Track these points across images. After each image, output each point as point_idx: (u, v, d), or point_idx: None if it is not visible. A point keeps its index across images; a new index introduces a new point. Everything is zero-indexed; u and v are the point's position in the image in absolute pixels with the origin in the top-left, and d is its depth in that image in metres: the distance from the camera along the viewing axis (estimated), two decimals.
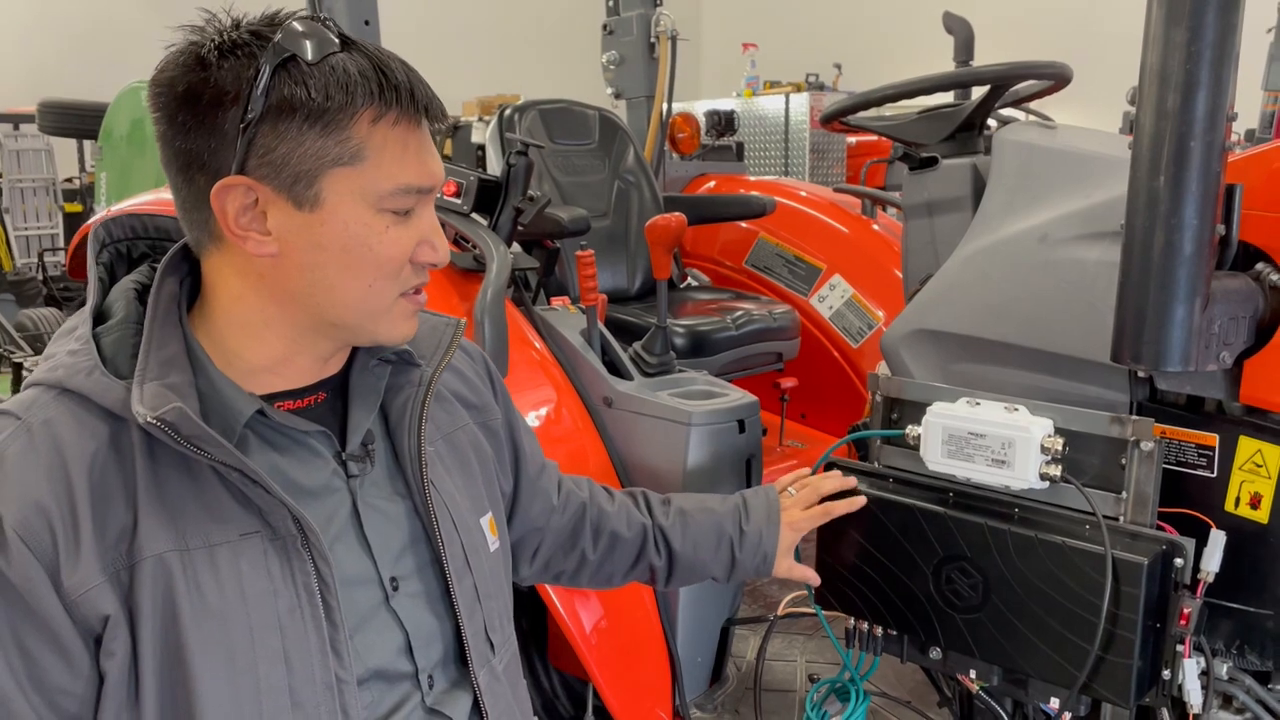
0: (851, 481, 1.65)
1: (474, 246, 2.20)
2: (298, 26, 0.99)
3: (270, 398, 1.08)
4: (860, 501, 1.62)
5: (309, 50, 0.97)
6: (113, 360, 1.02)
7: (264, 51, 0.97)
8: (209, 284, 1.08)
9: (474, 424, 1.32)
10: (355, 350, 1.16)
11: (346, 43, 1.00)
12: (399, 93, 0.99)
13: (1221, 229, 1.31)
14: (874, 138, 2.56)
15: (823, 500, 1.65)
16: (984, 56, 2.49)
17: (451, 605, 1.17)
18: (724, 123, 3.90)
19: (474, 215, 2.26)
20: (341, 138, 0.98)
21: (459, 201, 2.22)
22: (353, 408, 1.14)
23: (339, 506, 1.10)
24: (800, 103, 6.38)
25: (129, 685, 0.97)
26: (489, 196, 2.26)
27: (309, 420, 1.10)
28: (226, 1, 1.05)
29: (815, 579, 1.68)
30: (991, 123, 2.15)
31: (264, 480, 0.99)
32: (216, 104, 0.97)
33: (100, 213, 3.16)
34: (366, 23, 2.38)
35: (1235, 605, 1.44)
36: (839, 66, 7.80)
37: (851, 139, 6.34)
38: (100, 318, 1.08)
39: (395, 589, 1.12)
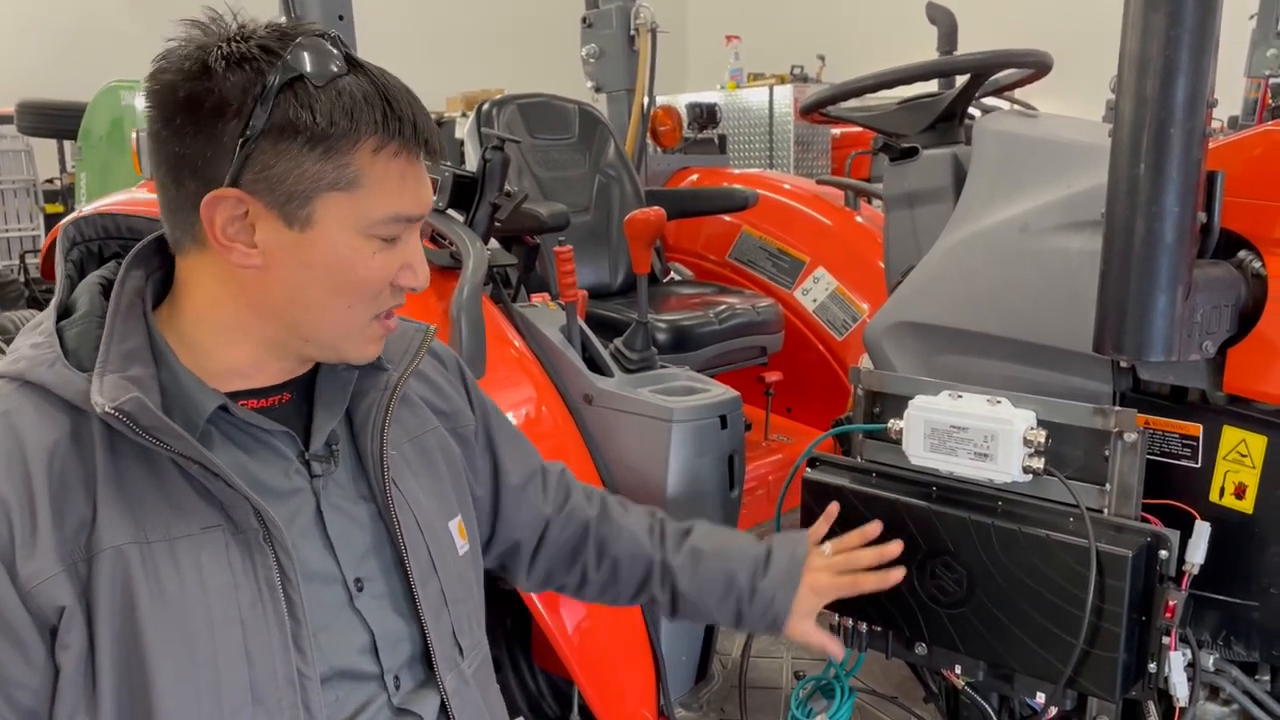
0: (894, 551, 1.49)
1: (450, 243, 2.18)
2: (308, 45, 1.00)
3: (235, 395, 1.07)
4: (897, 577, 1.48)
5: (317, 72, 0.98)
6: (75, 353, 1.02)
7: (272, 69, 0.97)
8: (183, 282, 1.08)
9: (443, 428, 1.31)
10: None
11: (353, 64, 1.02)
12: (402, 124, 1.01)
13: (1203, 217, 1.30)
14: (858, 129, 2.53)
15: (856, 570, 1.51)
16: (968, 47, 2.46)
17: (416, 608, 1.16)
18: (706, 115, 3.87)
19: (450, 211, 2.23)
20: (341, 163, 1.00)
21: (434, 198, 2.18)
22: (317, 409, 1.14)
23: (302, 506, 1.10)
24: (784, 95, 6.35)
25: (86, 679, 0.96)
26: (465, 192, 2.24)
27: (273, 420, 1.10)
28: (210, 2, 1.04)
29: (837, 651, 1.53)
30: (975, 112, 2.13)
31: (224, 473, 0.99)
32: (218, 114, 0.98)
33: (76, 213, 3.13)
34: (340, 18, 2.34)
35: (1221, 597, 1.44)
36: (822, 58, 7.77)
37: (836, 130, 6.32)
38: (66, 313, 1.08)
39: (360, 590, 1.12)
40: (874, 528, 1.53)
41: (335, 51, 1.01)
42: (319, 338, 1.07)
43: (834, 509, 1.58)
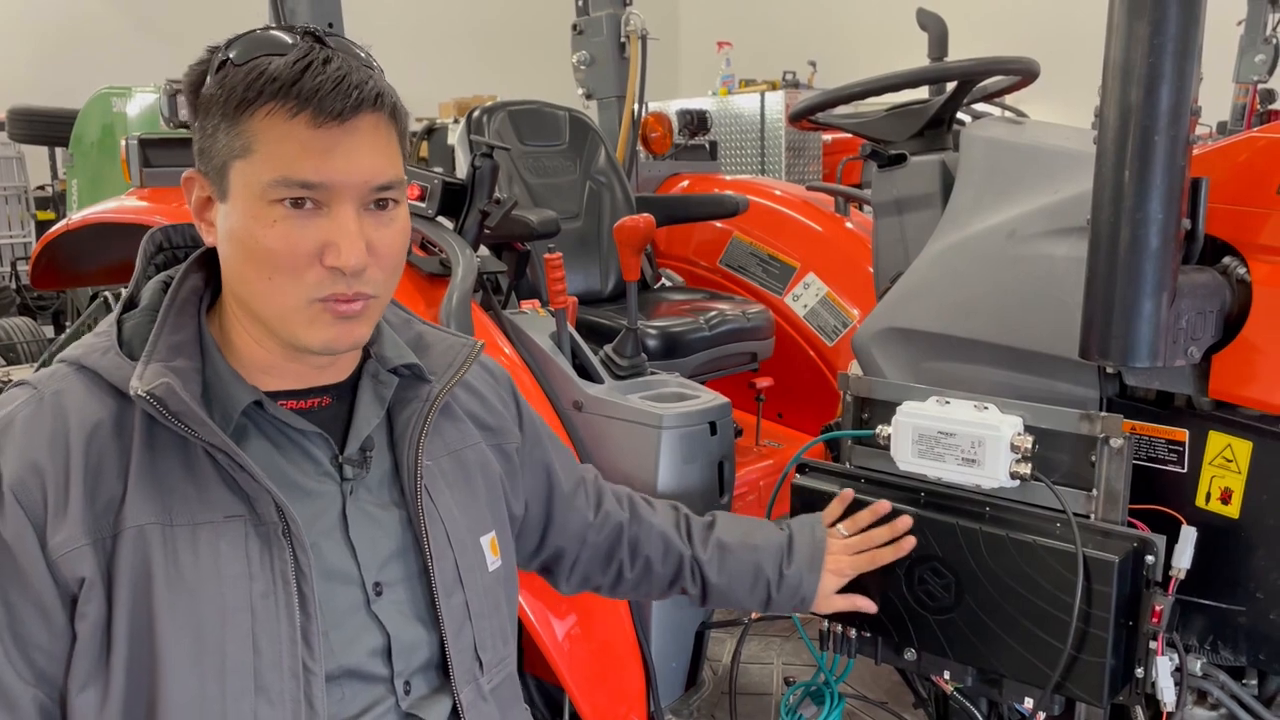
0: (905, 524, 1.56)
1: (440, 250, 2.18)
2: (255, 35, 1.04)
3: (276, 396, 1.12)
4: (910, 543, 1.55)
5: (241, 54, 1.02)
6: (129, 343, 1.09)
7: (214, 58, 1.05)
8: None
9: (485, 444, 1.32)
10: (365, 358, 1.20)
11: (313, 47, 1.03)
12: (300, 89, 0.99)
13: (1187, 223, 1.31)
14: (849, 135, 2.52)
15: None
16: (959, 53, 2.47)
17: (437, 617, 1.17)
18: (696, 122, 3.86)
19: (439, 219, 2.23)
20: (239, 131, 1.02)
21: (424, 205, 2.19)
22: (355, 415, 1.17)
23: (328, 506, 1.13)
24: (775, 101, 6.37)
25: (100, 650, 1.00)
26: (454, 200, 2.24)
27: (309, 422, 1.13)
28: (201, 6, 1.07)
29: (869, 606, 1.60)
30: (966, 118, 2.14)
31: (249, 465, 1.03)
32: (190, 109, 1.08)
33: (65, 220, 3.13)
34: (330, 25, 2.35)
35: (1208, 601, 1.44)
36: (814, 64, 7.80)
37: (828, 136, 6.33)
38: (131, 307, 1.15)
39: (379, 594, 1.13)
40: (883, 505, 1.59)
41: (289, 40, 1.03)
42: (263, 318, 1.07)
43: (848, 494, 1.63)
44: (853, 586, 1.60)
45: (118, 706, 1.00)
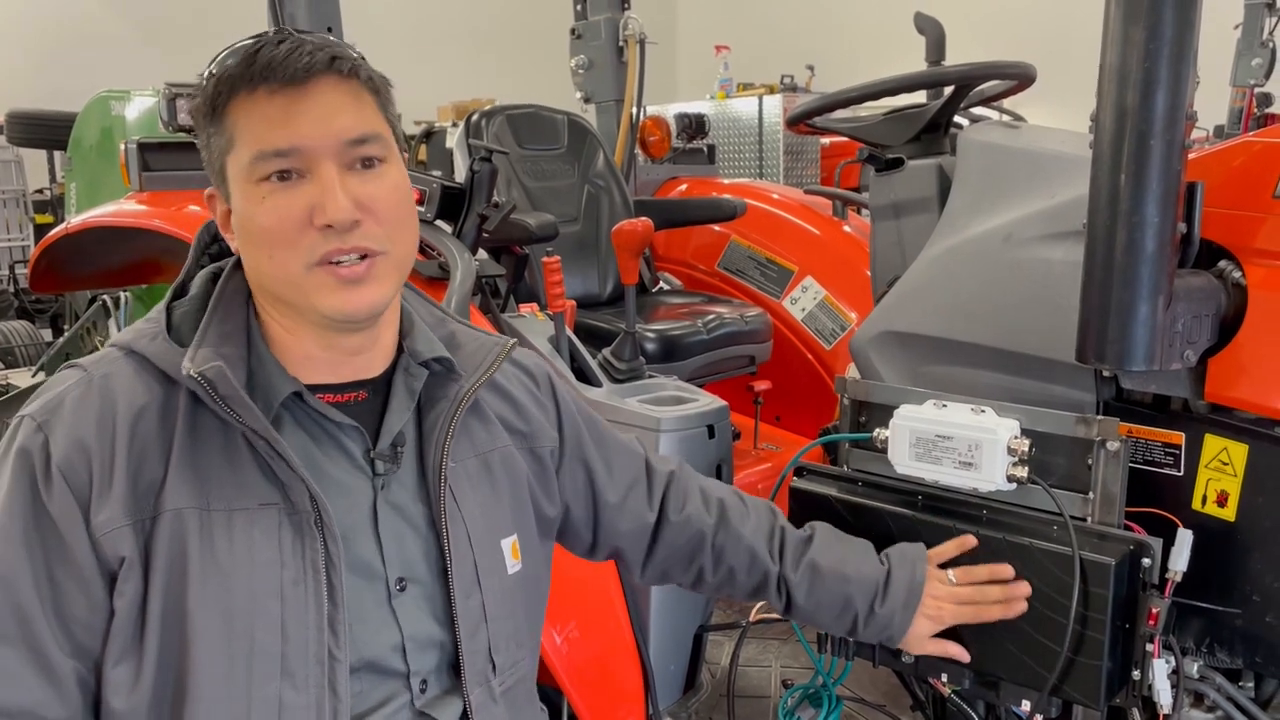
0: (1023, 591, 1.45)
1: (438, 254, 2.18)
2: (234, 48, 1.07)
3: (316, 389, 1.13)
4: (1022, 607, 1.44)
5: (220, 66, 1.06)
6: (178, 329, 1.11)
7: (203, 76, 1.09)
8: None
9: (515, 447, 1.31)
10: (399, 353, 1.20)
11: (273, 35, 1.07)
12: (254, 67, 1.03)
13: (1183, 227, 1.31)
14: (847, 138, 2.51)
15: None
16: (958, 57, 2.48)
17: (454, 618, 1.18)
18: (694, 125, 3.87)
19: (438, 222, 2.24)
20: (220, 130, 1.07)
21: (422, 209, 2.19)
22: (388, 411, 1.18)
23: (359, 500, 1.14)
24: (774, 104, 6.39)
25: (135, 628, 1.03)
26: (453, 203, 2.24)
27: (346, 415, 1.14)
28: (199, 9, 1.08)
29: (961, 655, 1.50)
30: (964, 122, 2.15)
31: (287, 454, 1.05)
32: None
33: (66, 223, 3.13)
34: (329, 29, 2.35)
35: (1204, 604, 1.44)
36: (811, 68, 7.81)
37: (825, 140, 6.34)
38: (180, 295, 1.17)
39: (401, 590, 1.15)
40: (1005, 569, 1.47)
41: (258, 42, 1.06)
42: (281, 297, 1.09)
43: (969, 540, 1.50)
44: (947, 632, 1.52)
45: (149, 682, 1.03)
